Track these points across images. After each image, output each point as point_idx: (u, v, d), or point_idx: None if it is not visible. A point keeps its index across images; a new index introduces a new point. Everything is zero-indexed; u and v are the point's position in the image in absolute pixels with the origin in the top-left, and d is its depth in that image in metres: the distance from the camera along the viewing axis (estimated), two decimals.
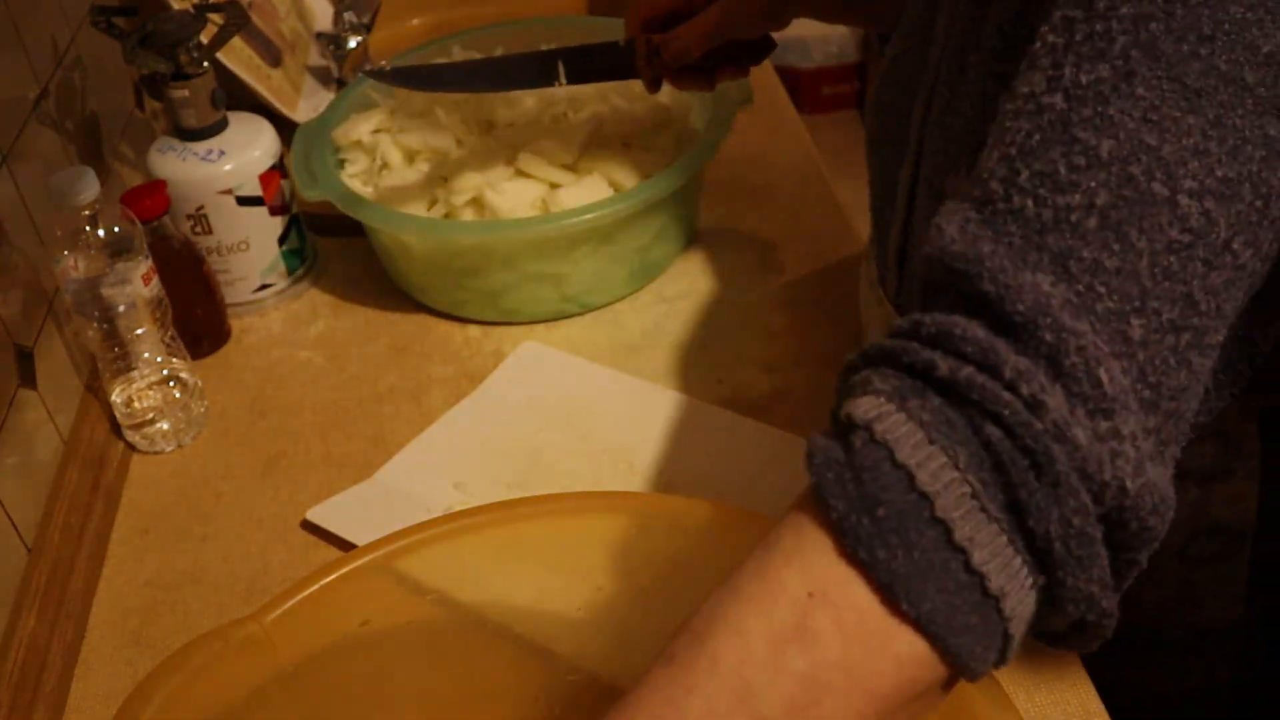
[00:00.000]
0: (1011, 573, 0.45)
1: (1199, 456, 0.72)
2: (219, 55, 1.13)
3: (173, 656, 0.58)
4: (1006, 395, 0.45)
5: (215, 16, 1.08)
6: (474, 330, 1.05)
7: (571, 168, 1.04)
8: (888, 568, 0.44)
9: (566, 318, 1.05)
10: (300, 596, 0.62)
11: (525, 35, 1.21)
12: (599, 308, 1.06)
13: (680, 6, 0.92)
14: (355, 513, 0.87)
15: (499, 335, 1.04)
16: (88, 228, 0.88)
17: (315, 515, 0.88)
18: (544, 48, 1.00)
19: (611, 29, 1.22)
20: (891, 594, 0.44)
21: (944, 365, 0.46)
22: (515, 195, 1.01)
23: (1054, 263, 0.47)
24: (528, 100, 1.09)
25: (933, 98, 0.73)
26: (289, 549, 0.87)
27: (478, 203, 1.02)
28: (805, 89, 2.95)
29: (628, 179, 1.03)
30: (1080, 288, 0.46)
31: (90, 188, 0.87)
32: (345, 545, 0.86)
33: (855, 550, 0.45)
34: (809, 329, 1.01)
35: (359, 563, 0.64)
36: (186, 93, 1.02)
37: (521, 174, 1.04)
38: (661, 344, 1.00)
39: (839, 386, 0.51)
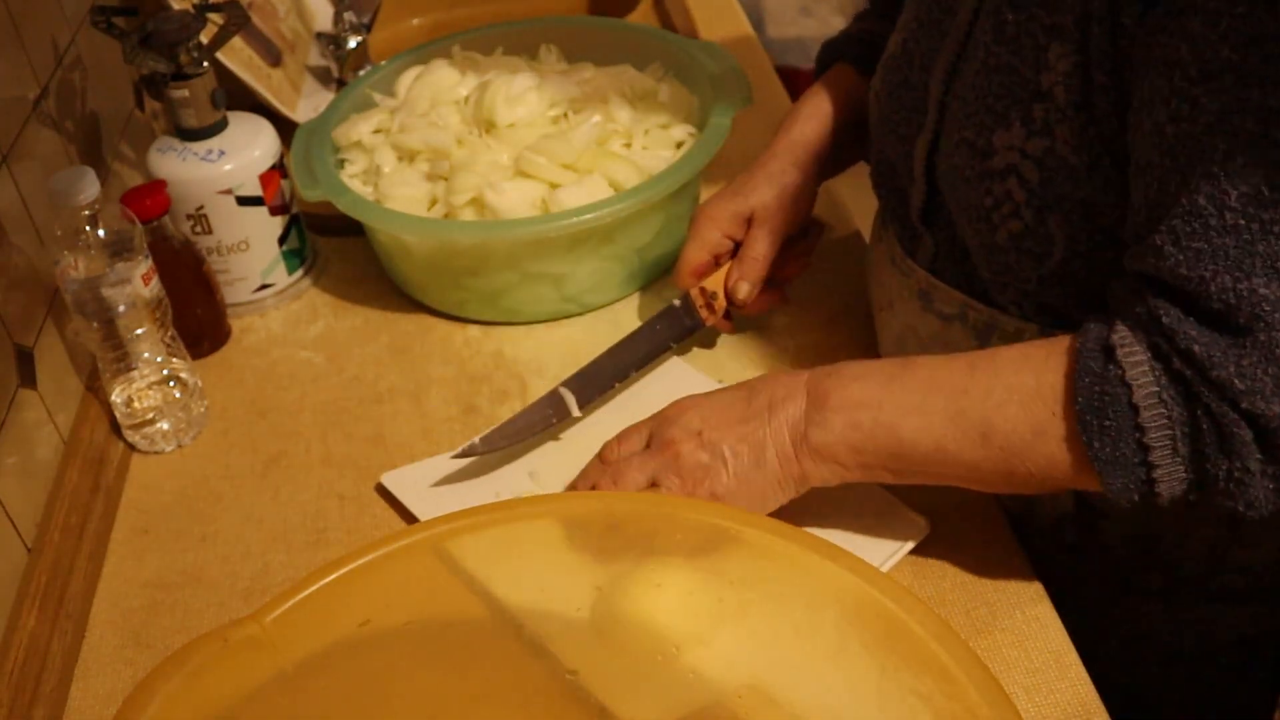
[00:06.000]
0: (1175, 480, 0.65)
1: None
2: (219, 55, 1.13)
3: (173, 656, 0.58)
4: (1216, 378, 0.62)
5: (215, 16, 1.08)
6: (474, 330, 1.05)
7: (571, 168, 1.04)
8: (1097, 454, 0.66)
9: (566, 318, 1.05)
10: (300, 596, 0.62)
11: (525, 35, 1.21)
12: (599, 308, 1.06)
13: (725, 250, 0.95)
14: (426, 484, 0.88)
15: (499, 335, 1.04)
16: (88, 228, 0.88)
17: (388, 480, 0.89)
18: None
19: (611, 29, 1.23)
20: (1089, 460, 0.67)
21: (1180, 351, 0.64)
22: (515, 195, 1.01)
23: (1266, 267, 0.61)
24: (528, 100, 1.09)
25: (960, 62, 0.76)
26: (289, 549, 0.87)
27: (478, 203, 1.02)
28: (805, 89, 2.94)
29: (628, 179, 1.03)
30: None
31: (90, 188, 0.87)
32: (409, 517, 0.87)
33: (1084, 436, 0.66)
34: (809, 328, 1.01)
35: (359, 563, 0.64)
36: (186, 93, 1.02)
37: (521, 174, 1.04)
38: None
39: (1115, 291, 0.69)
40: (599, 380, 0.92)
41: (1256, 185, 0.61)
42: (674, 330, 0.96)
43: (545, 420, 0.89)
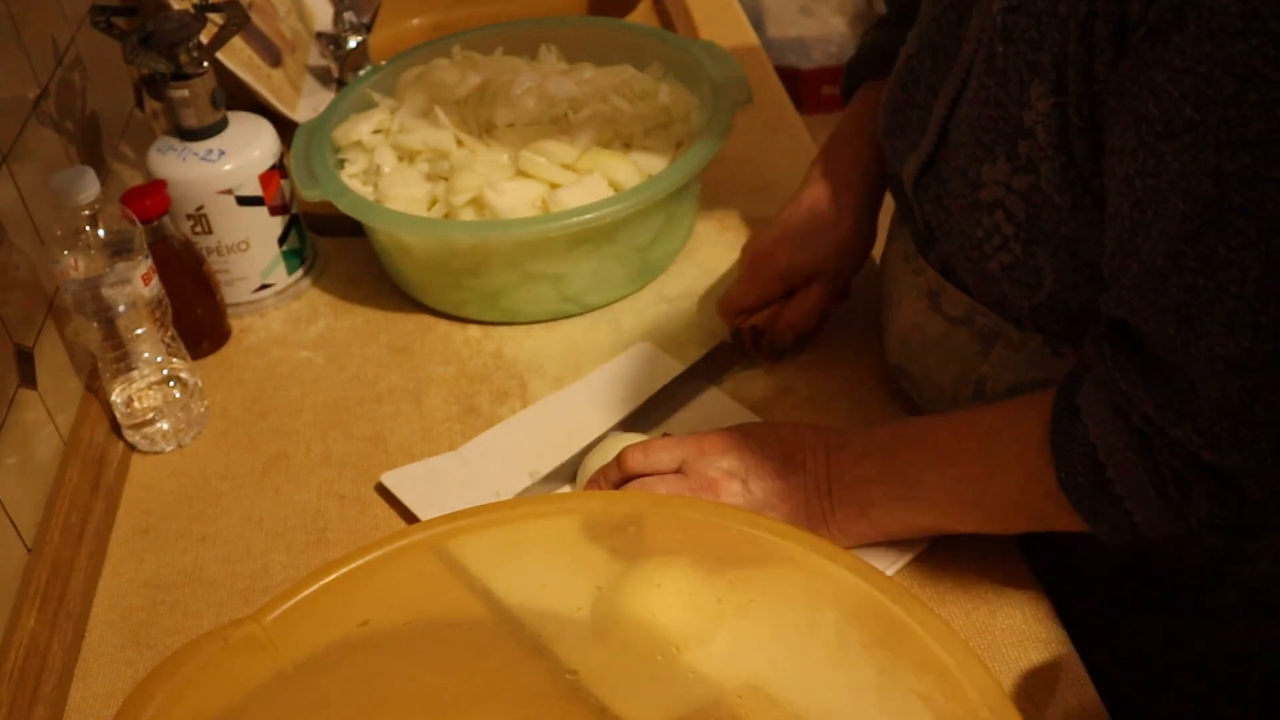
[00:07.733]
0: (1157, 523, 0.68)
1: None
2: (219, 55, 1.13)
3: (173, 656, 0.58)
4: (1174, 436, 0.65)
5: (215, 16, 1.08)
6: (474, 330, 1.05)
7: (571, 168, 1.04)
8: (1078, 506, 0.69)
9: (566, 318, 1.05)
10: (300, 596, 0.61)
11: (525, 35, 1.21)
12: (599, 308, 1.06)
13: (773, 296, 0.98)
14: (426, 484, 0.88)
15: (499, 335, 1.04)
16: (88, 228, 0.88)
17: (388, 480, 0.89)
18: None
19: (611, 29, 1.23)
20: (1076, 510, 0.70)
21: (1137, 411, 0.66)
22: (515, 195, 1.01)
23: (1222, 326, 0.62)
24: (528, 101, 1.09)
25: (963, 89, 0.76)
26: (289, 549, 0.87)
27: (478, 203, 1.02)
28: (805, 89, 2.95)
29: (628, 179, 1.03)
30: (1245, 342, 0.61)
31: (90, 188, 0.87)
32: (409, 517, 0.87)
33: (1064, 490, 0.70)
34: (813, 330, 1.01)
35: (359, 563, 0.64)
36: (186, 93, 1.02)
37: (521, 174, 1.04)
38: (661, 344, 1.00)
39: (1092, 355, 0.70)
40: (651, 417, 0.93)
41: (1212, 246, 0.61)
42: (724, 366, 0.98)
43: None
